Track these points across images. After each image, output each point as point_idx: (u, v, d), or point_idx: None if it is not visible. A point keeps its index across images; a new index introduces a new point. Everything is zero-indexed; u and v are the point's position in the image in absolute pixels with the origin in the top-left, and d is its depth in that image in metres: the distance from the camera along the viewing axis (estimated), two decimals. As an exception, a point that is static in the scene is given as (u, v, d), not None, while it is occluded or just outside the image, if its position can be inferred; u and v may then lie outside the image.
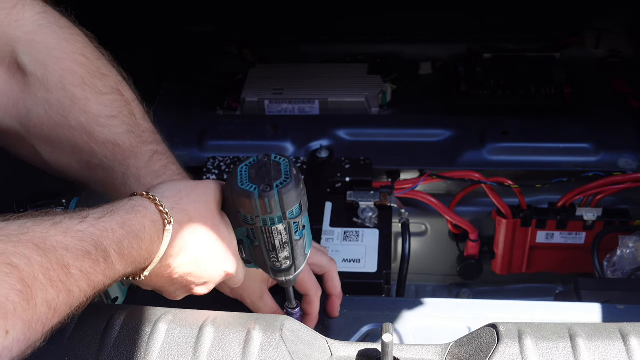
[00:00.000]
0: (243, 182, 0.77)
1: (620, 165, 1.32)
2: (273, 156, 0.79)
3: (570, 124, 1.40)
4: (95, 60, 0.87)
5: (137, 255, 0.71)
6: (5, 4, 0.82)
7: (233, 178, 0.78)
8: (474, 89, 1.51)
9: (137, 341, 0.73)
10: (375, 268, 1.12)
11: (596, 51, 1.62)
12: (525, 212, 1.32)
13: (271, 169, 0.77)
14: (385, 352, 0.69)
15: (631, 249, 1.19)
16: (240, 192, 0.76)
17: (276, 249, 0.82)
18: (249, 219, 0.78)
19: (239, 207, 0.78)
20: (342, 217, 1.22)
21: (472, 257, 1.41)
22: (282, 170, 0.77)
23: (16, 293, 0.56)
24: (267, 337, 0.73)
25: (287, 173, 0.77)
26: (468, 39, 1.65)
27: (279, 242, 0.81)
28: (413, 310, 1.01)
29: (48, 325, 0.61)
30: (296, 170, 0.78)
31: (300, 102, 1.49)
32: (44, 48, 0.83)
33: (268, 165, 0.78)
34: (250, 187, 0.76)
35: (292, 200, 0.77)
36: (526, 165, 1.34)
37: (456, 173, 1.30)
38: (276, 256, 0.83)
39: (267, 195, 0.75)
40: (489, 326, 0.75)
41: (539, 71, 1.53)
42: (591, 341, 0.70)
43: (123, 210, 0.71)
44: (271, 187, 0.75)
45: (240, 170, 0.78)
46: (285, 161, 0.78)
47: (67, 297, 0.62)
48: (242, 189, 0.76)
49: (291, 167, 0.78)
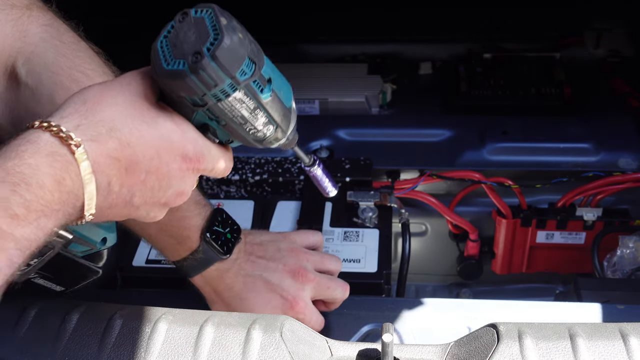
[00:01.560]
0: (167, 60, 0.62)
1: (620, 165, 1.32)
2: (193, 12, 0.63)
3: (570, 124, 1.40)
4: (96, 77, 0.82)
5: (48, 203, 0.58)
6: (13, 15, 0.81)
7: (155, 59, 0.63)
8: (474, 89, 1.51)
9: (137, 341, 0.73)
10: (375, 268, 1.12)
11: (596, 51, 1.62)
12: (525, 212, 1.32)
13: (194, 29, 0.62)
14: (385, 352, 0.69)
15: (631, 249, 1.19)
16: (169, 74, 0.62)
17: (248, 120, 0.68)
18: (197, 101, 0.65)
19: (178, 92, 0.64)
20: (342, 217, 1.22)
21: (472, 257, 1.41)
22: (207, 26, 0.62)
23: None
24: (267, 337, 0.73)
25: (215, 27, 0.61)
26: (468, 39, 1.65)
27: (247, 112, 0.67)
28: (413, 310, 1.01)
29: None
30: (226, 19, 0.62)
31: (300, 102, 1.49)
32: (41, 61, 0.80)
33: (189, 25, 0.62)
34: (176, 65, 0.61)
35: (236, 58, 0.62)
36: (526, 165, 1.34)
37: (456, 173, 1.30)
38: (253, 127, 0.69)
39: (200, 67, 0.61)
40: (489, 326, 0.75)
41: (539, 71, 1.53)
42: (591, 341, 0.70)
43: (2, 159, 0.58)
44: (201, 54, 0.60)
45: (160, 46, 0.63)
46: (208, 12, 0.62)
47: None
48: (169, 70, 0.62)
49: (217, 17, 0.62)
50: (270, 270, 0.97)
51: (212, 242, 0.91)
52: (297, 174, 1.30)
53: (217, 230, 0.92)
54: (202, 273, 0.93)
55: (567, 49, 1.61)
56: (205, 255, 0.92)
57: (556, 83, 1.49)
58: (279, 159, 1.34)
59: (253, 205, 1.27)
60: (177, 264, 0.94)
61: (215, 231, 0.92)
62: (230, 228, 0.94)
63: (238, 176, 1.31)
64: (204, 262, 0.93)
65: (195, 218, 0.91)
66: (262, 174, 1.31)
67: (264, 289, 0.96)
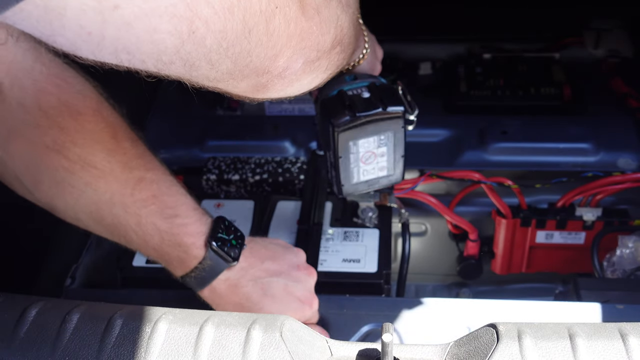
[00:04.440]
0: None
1: (620, 166, 1.32)
2: None
3: (569, 124, 1.40)
4: (75, 84, 0.85)
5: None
6: None
7: None
8: (474, 89, 1.51)
9: (137, 341, 0.73)
10: (375, 268, 1.12)
11: (596, 51, 1.62)
12: (524, 212, 1.32)
13: None
14: (385, 351, 0.69)
15: (630, 249, 1.19)
16: None
17: None
18: None
19: None
20: (342, 217, 1.22)
21: (472, 257, 1.41)
22: None
23: None
24: (267, 336, 0.73)
25: None
26: (468, 39, 1.65)
27: None
28: (413, 310, 1.01)
29: None
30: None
31: (301, 102, 1.49)
32: (20, 68, 0.80)
33: None
34: None
35: None
36: (526, 165, 1.34)
37: (456, 173, 1.30)
38: None
39: None
40: (489, 326, 0.75)
41: (539, 71, 1.53)
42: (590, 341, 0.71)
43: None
44: None
45: None
46: None
47: None
48: None
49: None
50: (283, 273, 0.96)
51: (218, 249, 0.90)
52: (297, 174, 1.31)
53: (222, 237, 0.91)
54: (212, 285, 0.91)
55: (567, 49, 1.61)
56: (213, 262, 0.90)
57: (556, 83, 1.49)
58: (279, 159, 1.35)
59: (253, 205, 1.27)
60: (184, 278, 0.92)
61: (220, 238, 0.91)
62: (234, 235, 0.94)
63: (238, 176, 1.31)
64: (212, 271, 0.91)
65: (196, 224, 0.90)
66: (262, 174, 1.31)
67: (282, 294, 0.94)
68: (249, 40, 0.56)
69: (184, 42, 0.51)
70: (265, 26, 0.56)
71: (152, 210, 0.87)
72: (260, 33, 0.56)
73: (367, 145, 0.98)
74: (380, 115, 0.96)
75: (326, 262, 1.14)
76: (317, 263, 1.13)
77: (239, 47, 0.56)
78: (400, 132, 0.98)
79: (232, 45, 0.55)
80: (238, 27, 0.53)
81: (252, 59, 0.58)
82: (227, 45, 0.54)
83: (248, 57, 0.58)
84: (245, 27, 0.54)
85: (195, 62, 0.54)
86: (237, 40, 0.55)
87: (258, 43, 0.57)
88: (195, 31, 0.51)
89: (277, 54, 0.60)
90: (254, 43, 0.56)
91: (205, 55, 0.54)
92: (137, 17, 0.47)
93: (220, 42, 0.53)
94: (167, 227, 0.87)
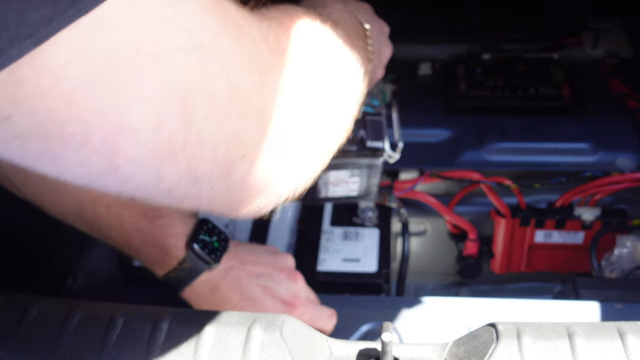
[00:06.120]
0: None
1: (618, 165, 1.32)
2: None
3: (568, 124, 1.40)
4: None
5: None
6: None
7: None
8: (473, 89, 1.51)
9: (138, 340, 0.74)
10: (375, 267, 1.12)
11: (594, 52, 1.62)
12: (524, 211, 1.32)
13: None
14: (385, 351, 0.69)
15: (629, 248, 1.19)
16: None
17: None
18: None
19: None
20: (342, 216, 1.23)
21: (471, 256, 1.42)
22: None
23: None
24: (267, 336, 0.73)
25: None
26: (468, 39, 1.65)
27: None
28: (412, 309, 1.02)
29: None
30: None
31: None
32: None
33: None
34: None
35: None
36: (525, 165, 1.34)
37: (455, 173, 1.30)
38: None
39: None
40: (488, 325, 0.75)
41: (538, 71, 1.53)
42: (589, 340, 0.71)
43: None
44: None
45: None
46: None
47: None
48: None
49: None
50: (264, 276, 0.96)
51: (198, 250, 0.90)
52: (296, 174, 1.31)
53: (204, 239, 0.91)
54: (192, 285, 0.92)
55: (565, 49, 1.62)
56: (192, 263, 0.90)
57: (555, 83, 1.49)
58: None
59: (253, 205, 1.27)
60: (165, 278, 0.92)
61: (202, 240, 0.91)
62: (218, 237, 0.94)
63: (238, 176, 1.31)
64: (192, 272, 0.91)
65: (178, 225, 0.90)
66: (262, 174, 1.31)
67: (262, 296, 0.94)
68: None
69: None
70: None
71: (135, 211, 0.87)
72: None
73: (338, 175, 0.95)
74: (356, 154, 0.93)
75: (326, 262, 1.15)
76: (317, 263, 1.14)
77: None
78: (377, 167, 0.93)
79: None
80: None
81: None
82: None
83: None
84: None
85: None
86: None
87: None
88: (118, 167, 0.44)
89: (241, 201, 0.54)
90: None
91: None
92: None
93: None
94: (149, 228, 0.87)
